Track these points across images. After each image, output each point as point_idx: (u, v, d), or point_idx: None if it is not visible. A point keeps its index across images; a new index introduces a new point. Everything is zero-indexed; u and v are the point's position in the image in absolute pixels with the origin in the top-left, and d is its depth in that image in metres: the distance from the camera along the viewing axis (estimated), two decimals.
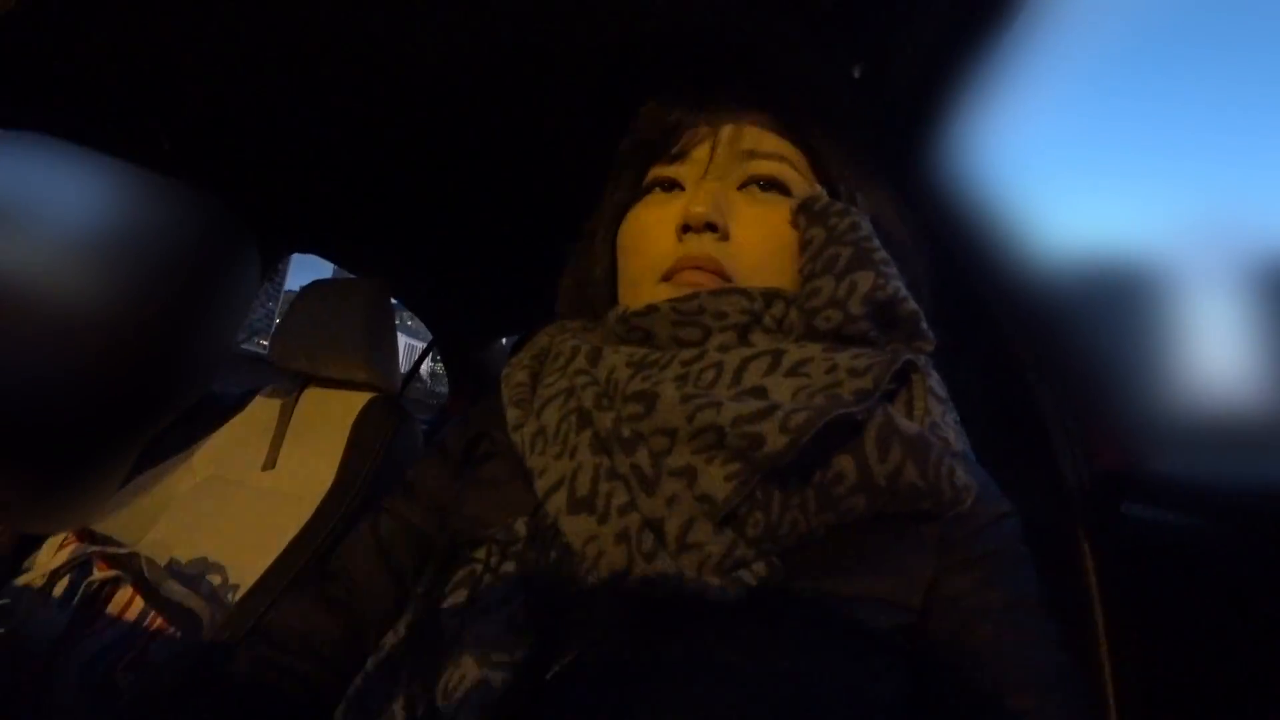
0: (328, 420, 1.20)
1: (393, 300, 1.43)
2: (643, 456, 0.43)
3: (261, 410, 1.27)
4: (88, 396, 1.14)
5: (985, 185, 0.70)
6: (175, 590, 0.91)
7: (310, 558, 0.95)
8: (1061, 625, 0.43)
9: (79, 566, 0.90)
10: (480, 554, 0.46)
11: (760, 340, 0.48)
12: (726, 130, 0.56)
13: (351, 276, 1.62)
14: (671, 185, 0.57)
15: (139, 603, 0.88)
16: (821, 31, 0.63)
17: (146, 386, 1.26)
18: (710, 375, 0.45)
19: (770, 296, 0.49)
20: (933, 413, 0.46)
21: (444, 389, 2.37)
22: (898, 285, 0.48)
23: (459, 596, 0.44)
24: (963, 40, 0.62)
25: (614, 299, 0.59)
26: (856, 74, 0.67)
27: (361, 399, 1.24)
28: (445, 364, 2.20)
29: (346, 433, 1.16)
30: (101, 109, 0.97)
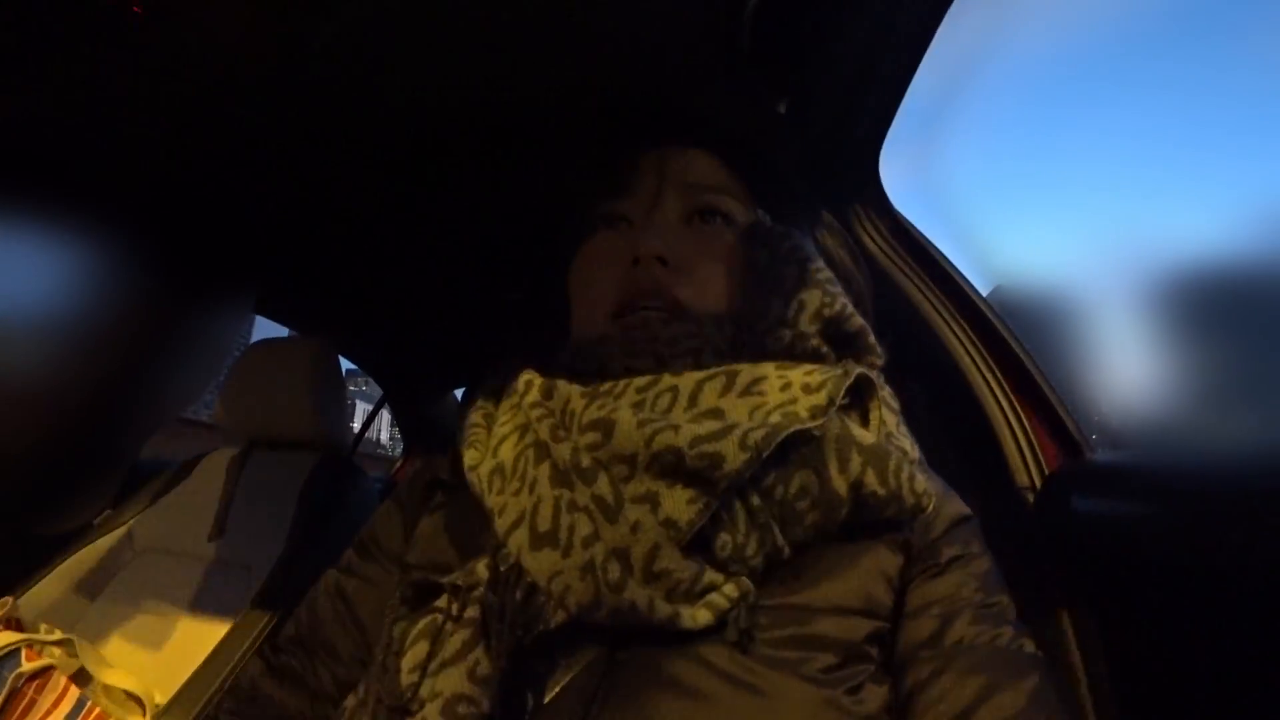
0: (277, 483, 1.16)
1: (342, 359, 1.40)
2: (603, 485, 0.42)
3: (205, 477, 1.22)
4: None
5: (920, 207, 0.74)
6: (114, 676, 0.85)
7: (263, 629, 0.90)
8: (1031, 623, 0.44)
9: (4, 658, 0.83)
10: (441, 603, 0.45)
11: (714, 362, 0.49)
12: (668, 166, 0.58)
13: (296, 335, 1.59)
14: (618, 220, 0.59)
15: (74, 692, 0.82)
16: (743, 71, 0.66)
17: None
18: (666, 400, 0.45)
19: (719, 321, 0.51)
20: (888, 423, 0.47)
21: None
22: (844, 302, 0.49)
23: (420, 650, 0.42)
24: (877, 76, 0.65)
25: (567, 338, 0.59)
26: (781, 109, 0.70)
27: (311, 459, 1.20)
28: (397, 420, 2.15)
29: (296, 495, 1.12)
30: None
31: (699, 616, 0.39)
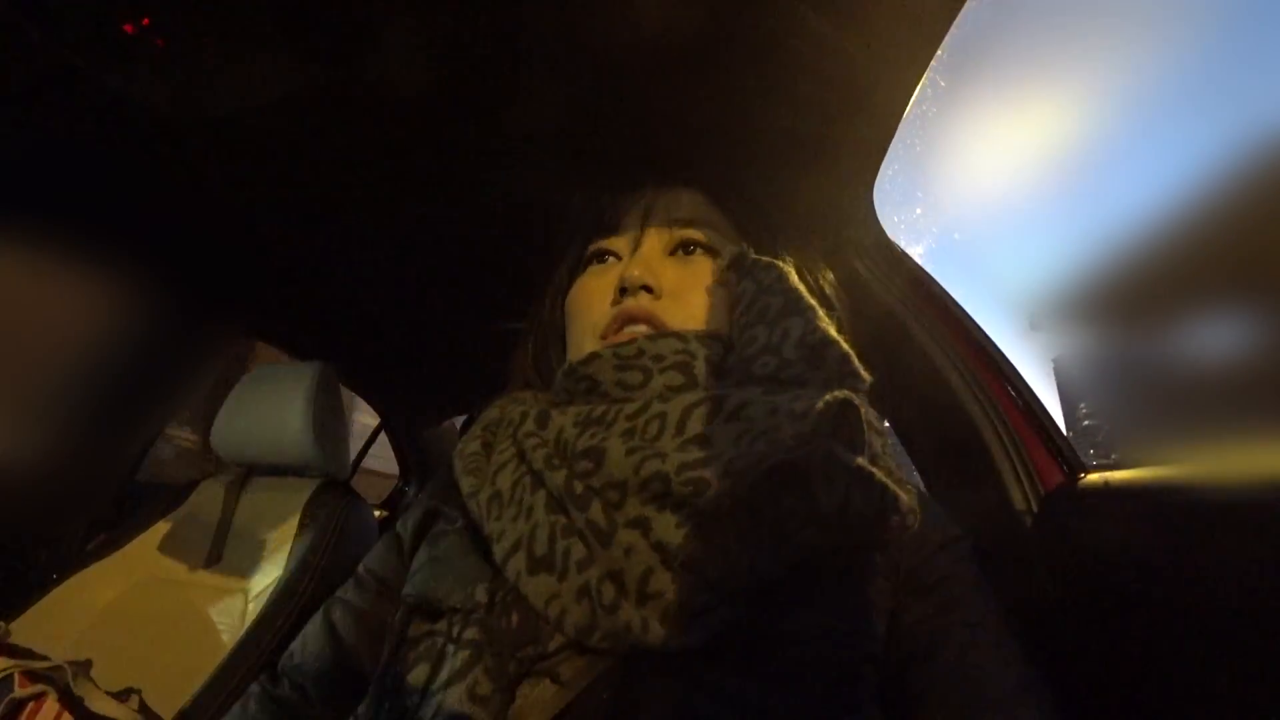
0: (275, 510, 1.16)
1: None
2: (596, 511, 0.43)
3: (203, 503, 1.21)
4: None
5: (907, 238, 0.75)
6: (106, 703, 0.84)
7: (259, 658, 0.89)
8: (1023, 641, 0.44)
9: None
10: (441, 625, 0.45)
11: (702, 380, 0.50)
12: (653, 204, 0.61)
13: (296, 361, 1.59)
14: (607, 256, 0.61)
15: (67, 719, 0.81)
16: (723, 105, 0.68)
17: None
18: (655, 427, 0.46)
19: (704, 337, 0.52)
20: (873, 445, 0.48)
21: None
22: (827, 328, 0.50)
23: (420, 672, 0.43)
24: (869, 105, 0.67)
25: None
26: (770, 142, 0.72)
27: (310, 485, 1.20)
28: (393, 445, 2.15)
29: (296, 522, 1.12)
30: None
31: (693, 638, 0.39)
